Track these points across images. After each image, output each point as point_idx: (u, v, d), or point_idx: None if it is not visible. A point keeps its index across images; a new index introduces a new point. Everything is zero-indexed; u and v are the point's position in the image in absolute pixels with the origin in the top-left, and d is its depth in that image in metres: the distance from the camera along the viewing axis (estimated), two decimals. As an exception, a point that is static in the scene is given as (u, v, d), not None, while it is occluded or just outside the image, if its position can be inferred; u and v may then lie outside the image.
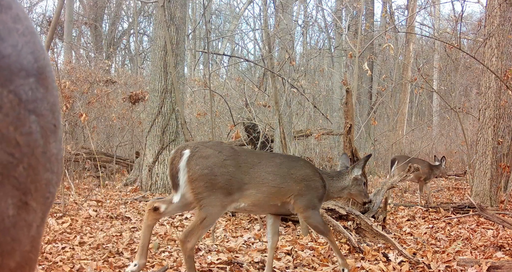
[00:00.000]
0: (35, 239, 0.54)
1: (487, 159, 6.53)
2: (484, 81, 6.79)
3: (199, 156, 2.64)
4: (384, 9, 14.96)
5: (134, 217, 5.19)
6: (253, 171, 2.75)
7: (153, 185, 7.20)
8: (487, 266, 3.24)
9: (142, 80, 13.49)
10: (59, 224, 4.54)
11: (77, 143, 9.31)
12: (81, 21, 19.88)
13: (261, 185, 2.77)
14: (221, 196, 2.63)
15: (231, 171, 2.68)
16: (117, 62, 23.37)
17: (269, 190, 2.80)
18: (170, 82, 7.17)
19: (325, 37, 20.03)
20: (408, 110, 17.00)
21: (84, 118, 7.20)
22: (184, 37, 7.85)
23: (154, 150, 7.25)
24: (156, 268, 3.34)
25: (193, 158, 2.63)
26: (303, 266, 3.55)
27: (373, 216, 4.95)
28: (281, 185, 2.84)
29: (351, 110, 4.90)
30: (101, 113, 10.98)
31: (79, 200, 5.95)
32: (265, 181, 2.78)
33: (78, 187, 7.38)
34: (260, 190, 2.77)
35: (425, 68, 15.52)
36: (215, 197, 2.61)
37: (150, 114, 7.39)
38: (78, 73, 10.91)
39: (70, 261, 3.35)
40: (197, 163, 2.61)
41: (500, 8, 6.57)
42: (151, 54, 9.10)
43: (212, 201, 2.61)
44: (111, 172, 9.31)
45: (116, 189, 7.57)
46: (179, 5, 7.40)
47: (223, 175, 2.64)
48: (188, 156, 2.63)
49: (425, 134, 14.82)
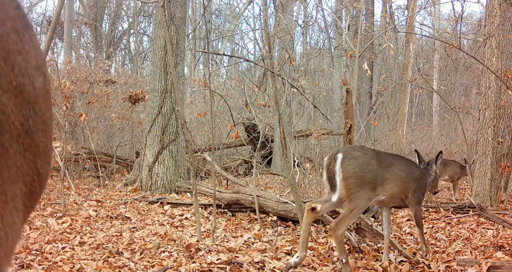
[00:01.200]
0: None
1: (487, 159, 6.53)
2: (484, 81, 6.79)
3: (350, 158, 3.14)
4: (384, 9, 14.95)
5: (134, 217, 5.19)
6: (391, 169, 3.29)
7: (153, 185, 7.20)
8: (487, 266, 3.24)
9: (142, 80, 13.49)
10: (59, 224, 4.54)
11: (77, 143, 9.31)
12: (81, 21, 19.89)
13: (397, 180, 3.33)
14: (368, 190, 3.13)
15: (375, 169, 3.18)
16: (117, 62, 23.39)
17: (402, 185, 3.37)
18: (170, 82, 7.17)
19: (325, 37, 20.04)
20: (408, 110, 16.99)
21: (84, 118, 7.20)
22: (184, 37, 7.85)
23: (154, 150, 7.24)
24: (156, 268, 3.34)
25: (345, 160, 3.13)
26: (303, 266, 3.55)
27: (373, 216, 4.95)
28: (408, 182, 3.44)
29: (351, 110, 4.90)
30: (101, 113, 10.98)
31: (79, 200, 5.95)
32: (399, 178, 3.34)
33: (78, 187, 7.38)
34: (397, 185, 3.33)
35: (425, 68, 15.52)
36: (363, 191, 3.11)
37: (150, 114, 7.39)
38: (78, 73, 10.91)
39: (70, 261, 3.35)
40: (349, 163, 3.12)
41: (500, 8, 6.57)
42: (151, 54, 9.10)
43: (361, 194, 3.10)
44: (111, 172, 9.31)
45: (116, 189, 7.56)
46: (179, 5, 7.40)
47: (370, 172, 3.15)
48: (341, 158, 3.12)
49: (425, 134, 14.81)
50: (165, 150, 7.24)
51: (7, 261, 0.52)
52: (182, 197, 6.64)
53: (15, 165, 0.52)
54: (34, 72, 0.55)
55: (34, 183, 0.58)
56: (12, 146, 0.51)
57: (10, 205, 0.52)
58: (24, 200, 0.56)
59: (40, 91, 0.56)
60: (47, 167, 0.60)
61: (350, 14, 11.80)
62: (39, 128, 0.57)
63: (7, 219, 0.52)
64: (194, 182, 4.51)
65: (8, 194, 0.51)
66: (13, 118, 0.51)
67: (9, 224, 0.52)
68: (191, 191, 6.75)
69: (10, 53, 0.51)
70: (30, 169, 0.56)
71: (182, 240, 4.09)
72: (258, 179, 9.36)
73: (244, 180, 8.36)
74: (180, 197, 6.69)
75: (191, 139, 9.01)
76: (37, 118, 0.56)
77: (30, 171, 0.56)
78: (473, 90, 17.05)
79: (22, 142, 0.53)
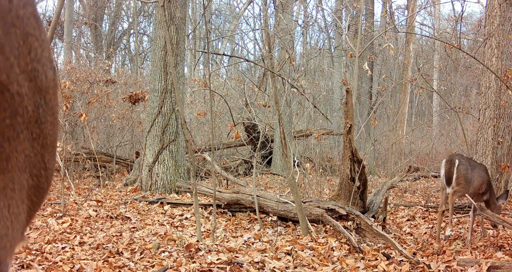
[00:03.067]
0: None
1: (487, 159, 6.53)
2: (484, 81, 6.79)
3: (460, 163, 4.40)
4: (384, 9, 14.95)
5: (134, 217, 5.19)
6: (474, 172, 4.50)
7: (153, 185, 7.20)
8: (487, 266, 3.24)
9: (142, 80, 13.48)
10: (59, 224, 4.54)
11: (77, 143, 9.31)
12: (81, 21, 19.88)
13: (476, 181, 4.52)
14: (467, 186, 4.39)
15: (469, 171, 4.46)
16: (117, 62, 23.39)
17: (478, 185, 4.58)
18: (170, 82, 7.17)
19: (325, 37, 20.04)
20: (408, 110, 17.00)
21: (84, 118, 7.20)
22: (184, 37, 7.85)
23: (154, 150, 7.24)
24: (156, 268, 3.34)
25: (460, 164, 4.39)
26: (303, 266, 3.55)
27: (373, 216, 4.95)
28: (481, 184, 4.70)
29: (351, 110, 4.90)
30: (101, 113, 10.98)
31: (79, 200, 5.94)
32: (477, 179, 4.54)
33: (78, 187, 7.38)
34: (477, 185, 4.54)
35: (425, 68, 15.52)
36: (467, 186, 4.39)
37: (150, 114, 7.39)
38: (78, 73, 10.91)
39: (70, 261, 3.35)
40: (461, 167, 4.38)
41: (500, 8, 6.57)
42: (151, 54, 9.09)
43: (464, 189, 4.38)
44: (111, 172, 9.31)
45: (116, 189, 7.56)
46: (179, 5, 7.40)
47: (470, 173, 4.43)
48: (458, 163, 4.37)
49: (425, 134, 14.81)
50: (165, 150, 7.24)
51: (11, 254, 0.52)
52: (182, 197, 6.64)
53: (23, 152, 0.52)
54: (47, 63, 0.56)
55: (41, 178, 0.58)
56: (22, 131, 0.51)
57: (17, 195, 0.52)
58: (30, 194, 0.56)
59: (51, 83, 0.57)
60: (53, 163, 0.60)
61: (350, 14, 11.81)
62: (48, 120, 0.57)
63: (13, 209, 0.52)
64: (194, 182, 4.51)
65: (16, 182, 0.51)
66: (26, 102, 0.52)
67: (15, 215, 0.52)
68: (191, 191, 6.75)
69: (28, 37, 0.52)
70: (38, 161, 0.56)
71: (182, 240, 4.09)
72: (258, 179, 9.36)
73: (244, 180, 8.37)
74: (180, 197, 6.69)
75: (191, 139, 9.01)
76: (47, 109, 0.56)
77: (38, 163, 0.56)
78: (473, 90, 17.05)
79: (32, 130, 0.53)
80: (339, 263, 3.62)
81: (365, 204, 5.05)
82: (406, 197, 8.02)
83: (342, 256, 3.80)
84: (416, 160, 12.87)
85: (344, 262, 3.60)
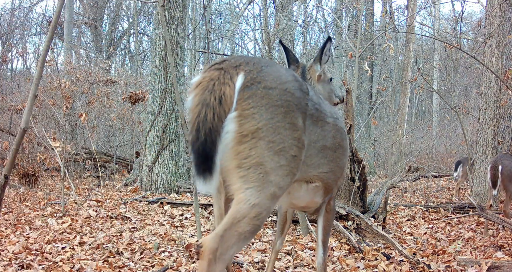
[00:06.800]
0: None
1: (487, 159, 6.53)
2: (484, 81, 6.79)
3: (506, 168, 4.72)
4: (384, 9, 14.95)
5: (134, 217, 5.19)
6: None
7: (153, 185, 7.20)
8: (487, 266, 3.24)
9: (142, 80, 13.46)
10: (59, 224, 4.54)
11: (77, 143, 9.31)
12: (81, 21, 19.87)
13: None
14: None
15: None
16: (117, 62, 23.38)
17: None
18: (170, 82, 7.17)
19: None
20: (408, 110, 16.99)
21: (84, 118, 7.21)
22: (184, 37, 7.85)
23: (154, 150, 7.25)
24: (156, 268, 3.34)
25: (504, 169, 4.72)
26: (303, 266, 3.55)
27: (373, 216, 4.95)
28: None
29: (351, 110, 4.91)
30: (101, 113, 10.98)
31: (79, 200, 5.95)
32: None
33: (78, 187, 7.38)
34: None
35: (425, 68, 15.51)
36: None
37: (150, 114, 7.39)
38: (78, 73, 10.89)
39: (70, 261, 3.34)
40: (506, 171, 4.70)
41: (500, 8, 6.57)
42: (151, 54, 9.09)
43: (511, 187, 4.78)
44: (111, 172, 9.31)
45: (116, 189, 7.57)
46: (179, 5, 7.40)
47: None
48: (501, 168, 4.69)
49: (425, 134, 14.82)
50: (165, 150, 7.24)
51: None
52: (182, 197, 6.64)
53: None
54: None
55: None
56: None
57: None
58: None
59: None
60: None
61: (350, 14, 11.81)
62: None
63: None
64: (194, 182, 4.50)
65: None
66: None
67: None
68: (191, 191, 6.75)
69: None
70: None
71: (182, 240, 4.09)
72: (258, 179, 9.34)
73: (244, 180, 8.34)
74: (180, 197, 6.69)
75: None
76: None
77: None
78: (473, 90, 17.05)
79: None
80: (339, 263, 3.62)
81: (365, 204, 5.05)
82: (406, 197, 8.02)
83: (342, 256, 3.80)
84: (416, 160, 12.88)
85: (344, 262, 3.61)
